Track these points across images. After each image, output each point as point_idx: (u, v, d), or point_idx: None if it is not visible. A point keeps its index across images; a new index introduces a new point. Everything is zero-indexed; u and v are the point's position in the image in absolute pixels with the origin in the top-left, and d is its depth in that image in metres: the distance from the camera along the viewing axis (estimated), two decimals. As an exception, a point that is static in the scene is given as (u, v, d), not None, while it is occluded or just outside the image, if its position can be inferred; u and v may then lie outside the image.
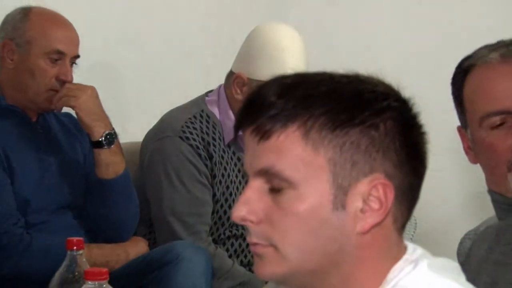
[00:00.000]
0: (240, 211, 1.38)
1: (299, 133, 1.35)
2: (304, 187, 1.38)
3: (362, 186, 1.37)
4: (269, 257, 1.42)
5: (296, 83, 1.44)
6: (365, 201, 1.37)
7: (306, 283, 1.46)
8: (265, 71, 3.46)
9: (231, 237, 3.56)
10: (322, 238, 1.40)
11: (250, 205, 1.41)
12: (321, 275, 1.43)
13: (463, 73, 2.10)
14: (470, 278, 1.55)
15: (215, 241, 3.46)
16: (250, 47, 3.66)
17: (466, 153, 2.19)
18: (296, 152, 1.36)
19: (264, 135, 1.35)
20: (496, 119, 1.93)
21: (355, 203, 1.37)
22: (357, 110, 1.35)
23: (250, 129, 1.39)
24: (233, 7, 4.82)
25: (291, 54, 3.64)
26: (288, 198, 1.37)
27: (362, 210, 1.38)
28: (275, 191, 1.38)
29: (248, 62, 3.63)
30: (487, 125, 1.95)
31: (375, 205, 1.36)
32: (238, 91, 3.54)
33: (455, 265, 1.49)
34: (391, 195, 1.35)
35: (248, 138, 1.41)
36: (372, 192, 1.37)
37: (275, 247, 1.40)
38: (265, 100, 1.39)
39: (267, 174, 1.38)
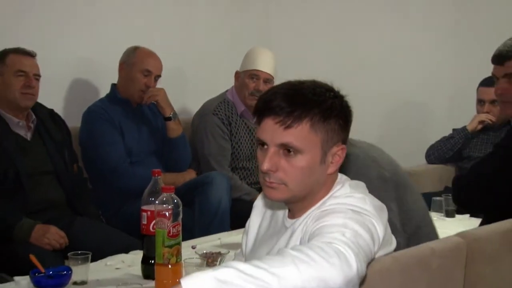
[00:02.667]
0: (266, 165, 1.84)
1: (309, 125, 1.82)
2: (306, 153, 1.84)
3: (334, 150, 1.88)
4: (281, 190, 1.88)
5: (291, 92, 1.88)
6: (333, 157, 1.88)
7: (294, 200, 1.93)
8: (244, 67, 4.59)
9: (239, 168, 4.55)
10: (311, 178, 1.88)
11: (271, 162, 1.85)
12: (304, 195, 1.91)
13: None
14: None
15: (232, 170, 4.47)
16: (244, 58, 4.65)
17: None
18: (305, 135, 1.83)
19: (287, 126, 1.82)
20: None
21: (329, 159, 1.88)
22: (331, 109, 1.86)
23: (275, 120, 1.83)
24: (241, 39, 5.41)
25: (260, 58, 4.57)
26: (296, 158, 1.84)
27: (331, 162, 1.89)
28: (289, 154, 1.84)
29: (241, 64, 4.64)
30: None
31: (338, 159, 1.90)
32: (236, 81, 4.63)
33: (363, 184, 1.99)
34: (343, 154, 1.90)
35: (271, 124, 1.85)
36: (337, 153, 1.89)
37: (285, 184, 1.86)
38: (279, 105, 1.84)
39: (285, 145, 1.83)
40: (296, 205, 1.94)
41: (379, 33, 5.56)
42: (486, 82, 4.31)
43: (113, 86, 4.30)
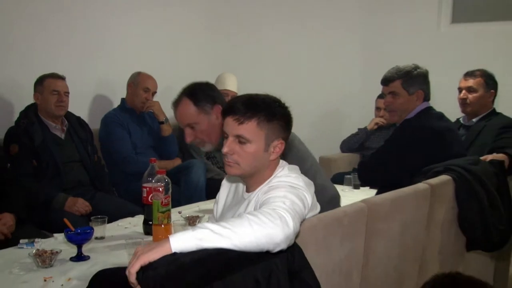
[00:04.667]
0: (226, 149, 1.84)
1: (256, 123, 1.81)
2: (253, 143, 1.82)
3: (275, 143, 1.85)
4: (235, 167, 1.86)
5: (248, 100, 1.85)
6: (274, 148, 1.85)
7: (245, 176, 1.92)
8: (219, 86, 4.18)
9: (212, 157, 4.36)
10: (257, 161, 1.85)
11: (229, 147, 1.83)
12: (253, 173, 1.89)
13: None
14: None
15: (207, 158, 4.35)
16: (216, 80, 4.45)
17: None
18: (253, 130, 1.81)
19: (240, 122, 1.80)
20: None
21: (271, 149, 1.85)
22: (274, 114, 1.84)
23: (233, 118, 1.83)
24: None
25: (228, 81, 4.50)
26: (246, 146, 1.82)
27: (273, 152, 1.86)
28: (242, 143, 1.82)
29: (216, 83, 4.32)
30: None
31: (278, 150, 1.86)
32: None
33: (297, 167, 1.95)
34: (282, 147, 1.87)
35: (231, 121, 1.83)
36: (278, 145, 1.86)
37: (238, 164, 1.85)
38: (238, 108, 1.82)
39: (239, 136, 1.81)
40: (249, 181, 1.93)
41: (309, 60, 5.50)
42: (381, 95, 4.32)
43: (123, 99, 4.26)
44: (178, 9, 4.95)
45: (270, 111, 1.82)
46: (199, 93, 2.52)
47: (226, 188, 2.13)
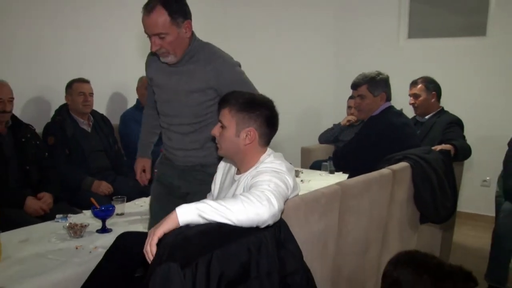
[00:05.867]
0: (212, 132, 1.86)
1: (228, 111, 1.79)
2: (228, 128, 1.80)
3: (245, 130, 1.79)
4: (219, 149, 1.85)
5: (236, 93, 1.83)
6: (246, 134, 1.79)
7: (228, 156, 1.90)
8: None
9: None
10: (232, 145, 1.82)
11: (214, 131, 1.84)
12: (234, 156, 1.85)
13: None
14: None
15: None
16: None
17: None
18: (227, 118, 1.80)
19: (221, 109, 1.82)
20: None
21: (243, 135, 1.79)
22: (246, 105, 1.79)
23: (220, 108, 1.82)
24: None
25: None
26: (225, 131, 1.81)
27: (245, 138, 1.80)
28: (222, 128, 1.82)
29: None
30: None
31: (249, 137, 1.79)
32: None
33: (281, 155, 1.88)
34: (254, 134, 1.79)
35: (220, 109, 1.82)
36: (249, 133, 1.80)
37: (221, 146, 1.84)
38: (224, 98, 1.82)
39: (220, 121, 1.82)
40: (237, 164, 1.89)
41: (292, 67, 5.45)
42: (351, 97, 4.31)
43: (138, 99, 4.19)
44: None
45: (244, 104, 1.78)
46: (174, 5, 2.04)
47: (221, 170, 2.06)
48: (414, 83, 3.52)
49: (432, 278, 1.21)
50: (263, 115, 1.79)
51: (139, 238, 1.78)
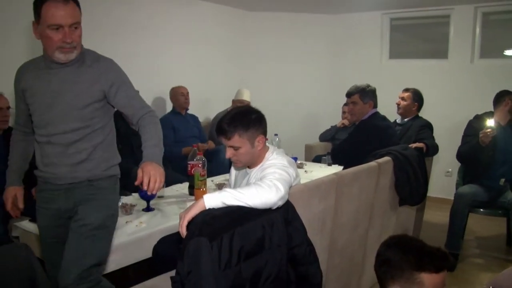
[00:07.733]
0: (227, 155, 1.71)
1: (238, 136, 1.66)
2: (242, 147, 1.69)
3: (257, 139, 1.70)
4: (238, 163, 1.74)
5: (230, 120, 1.67)
6: (258, 143, 1.70)
7: (246, 165, 1.78)
8: (237, 96, 4.17)
9: None
10: (249, 156, 1.72)
11: (228, 154, 1.71)
12: (251, 163, 1.76)
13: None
14: None
15: None
16: (236, 93, 4.24)
17: None
18: (238, 140, 1.67)
19: (228, 139, 1.67)
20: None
21: (256, 143, 1.70)
22: (248, 122, 1.68)
23: (222, 137, 1.69)
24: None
25: (244, 93, 4.18)
26: (239, 151, 1.69)
27: (257, 146, 1.71)
28: (235, 149, 1.69)
29: (234, 95, 4.22)
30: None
31: (261, 143, 1.71)
32: (233, 104, 4.12)
33: (283, 151, 1.82)
34: (263, 138, 1.72)
35: (223, 139, 1.70)
36: (259, 140, 1.71)
37: (240, 161, 1.73)
38: (223, 128, 1.67)
39: (233, 146, 1.69)
40: (250, 165, 1.79)
41: (296, 82, 5.35)
42: (345, 103, 4.08)
43: (174, 106, 3.99)
44: (210, 47, 4.70)
45: (245, 123, 1.65)
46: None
47: (233, 170, 1.97)
48: (406, 90, 3.39)
49: (415, 257, 1.19)
50: (258, 119, 1.70)
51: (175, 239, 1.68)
